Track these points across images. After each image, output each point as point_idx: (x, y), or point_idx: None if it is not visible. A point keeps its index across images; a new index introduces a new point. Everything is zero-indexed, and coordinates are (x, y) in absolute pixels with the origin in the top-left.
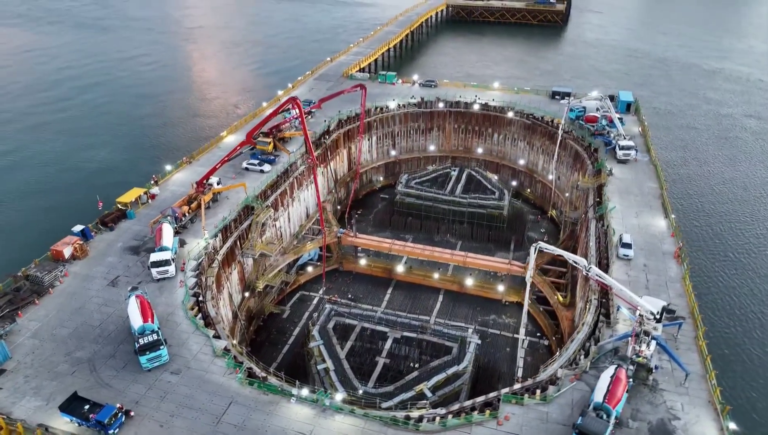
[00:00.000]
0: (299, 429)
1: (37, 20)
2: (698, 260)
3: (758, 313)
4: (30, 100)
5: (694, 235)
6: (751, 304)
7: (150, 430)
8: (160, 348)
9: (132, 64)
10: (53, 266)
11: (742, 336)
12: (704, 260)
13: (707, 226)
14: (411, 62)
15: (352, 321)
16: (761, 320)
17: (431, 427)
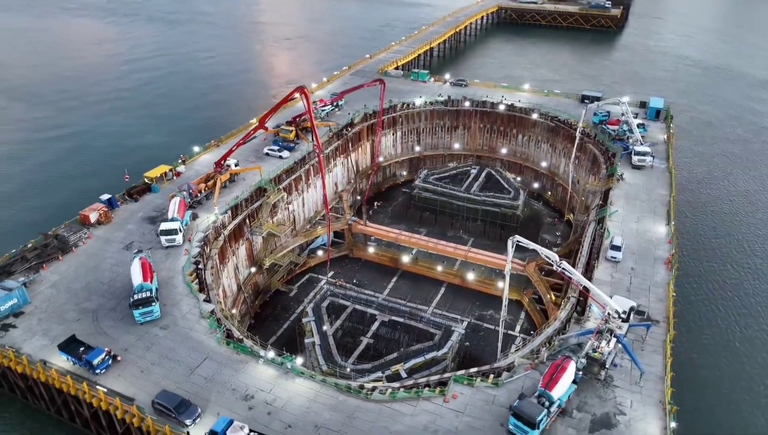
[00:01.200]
0: (261, 387)
1: (114, 13)
2: (692, 269)
3: (738, 327)
4: (93, 83)
5: (695, 245)
6: (734, 317)
7: (131, 373)
8: (152, 304)
9: (190, 55)
10: (79, 228)
11: (715, 346)
12: (699, 270)
13: (711, 238)
14: (452, 62)
15: (345, 302)
16: (739, 333)
17: (380, 398)
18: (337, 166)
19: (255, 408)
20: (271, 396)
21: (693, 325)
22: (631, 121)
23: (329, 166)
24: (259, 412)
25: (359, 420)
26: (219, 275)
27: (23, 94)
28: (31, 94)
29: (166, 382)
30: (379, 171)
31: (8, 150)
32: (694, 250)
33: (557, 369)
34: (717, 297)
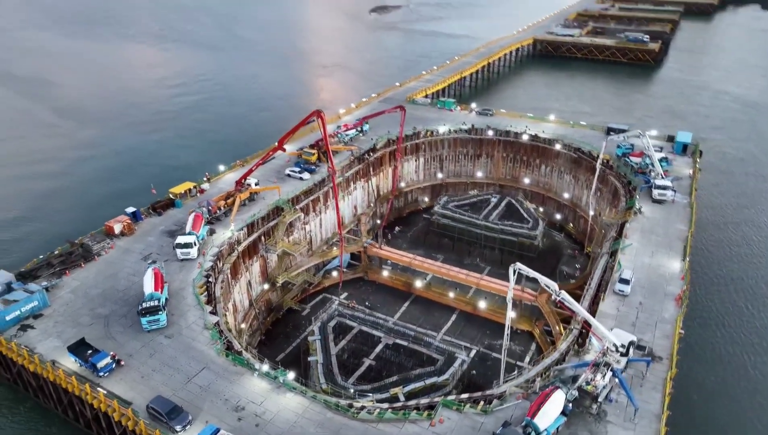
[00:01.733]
0: (252, 399)
1: (165, 39)
2: (705, 308)
3: (744, 371)
4: (137, 103)
5: (711, 284)
6: (742, 362)
7: (132, 378)
8: (158, 313)
9: (230, 80)
10: (103, 238)
11: (718, 388)
12: (712, 309)
13: (729, 278)
14: (483, 92)
15: (352, 323)
16: (744, 378)
17: (367, 417)
18: (357, 189)
19: (244, 419)
20: (261, 408)
21: (698, 364)
22: (652, 155)
23: (348, 190)
24: (247, 423)
25: None
26: (230, 289)
27: (73, 113)
28: (81, 113)
29: (163, 389)
30: (401, 196)
31: (52, 164)
32: (709, 288)
33: (545, 399)
34: (727, 339)
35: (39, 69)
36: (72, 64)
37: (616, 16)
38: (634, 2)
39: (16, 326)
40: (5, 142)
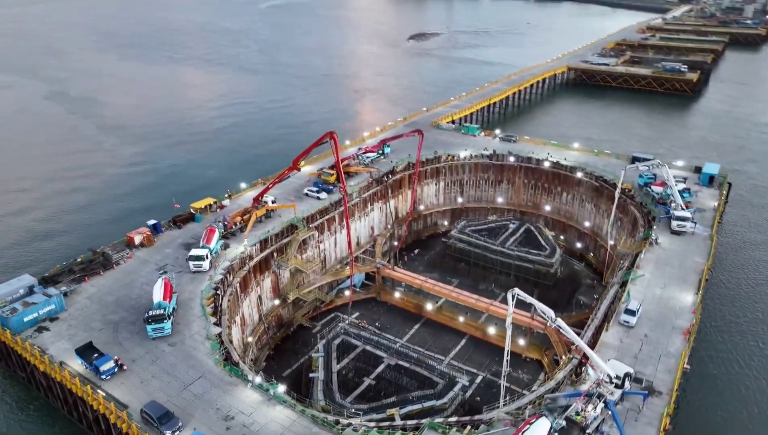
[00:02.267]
0: (243, 409)
1: (211, 63)
2: (716, 343)
3: (748, 412)
4: (176, 122)
5: (724, 319)
6: (745, 403)
7: (132, 383)
8: (163, 322)
9: (266, 102)
10: (123, 248)
11: (720, 427)
12: (723, 347)
13: (744, 315)
14: (512, 119)
15: (357, 342)
16: (748, 418)
17: (352, 434)
18: (374, 210)
19: (232, 429)
20: (249, 419)
21: (702, 402)
22: (672, 185)
23: (365, 210)
24: (234, 432)
25: None
26: (238, 303)
27: (117, 130)
28: (123, 130)
29: (159, 394)
30: (420, 219)
31: (89, 179)
32: (723, 324)
33: (529, 427)
34: (736, 379)
35: (91, 89)
36: (122, 84)
37: (655, 46)
38: (676, 33)
39: (33, 328)
40: (51, 157)
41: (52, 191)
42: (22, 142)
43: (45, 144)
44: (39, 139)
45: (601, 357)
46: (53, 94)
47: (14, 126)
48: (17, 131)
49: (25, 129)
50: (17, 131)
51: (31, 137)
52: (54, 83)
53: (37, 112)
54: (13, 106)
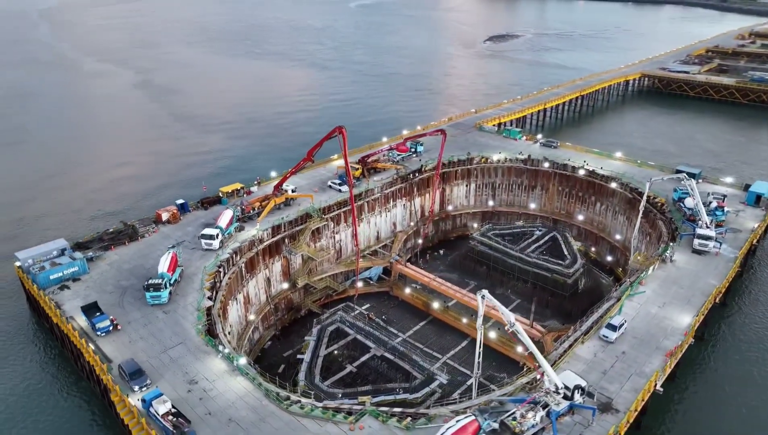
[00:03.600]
0: (207, 376)
1: (285, 58)
2: (707, 370)
3: None
4: (238, 111)
5: (727, 347)
6: None
7: (122, 341)
8: (160, 290)
9: (328, 97)
10: (149, 223)
11: None
12: (714, 374)
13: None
14: (566, 125)
15: (350, 330)
16: None
17: (296, 411)
18: (397, 207)
19: (192, 391)
20: (211, 386)
21: (667, 426)
22: (698, 201)
23: (387, 206)
24: (193, 395)
25: (267, 425)
26: (242, 282)
27: (185, 118)
28: (191, 118)
29: (141, 354)
30: (448, 219)
31: (147, 159)
32: (721, 352)
33: (455, 424)
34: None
35: (172, 79)
36: (200, 76)
37: (752, 54)
38: None
39: (57, 285)
40: (121, 138)
41: (111, 166)
42: (101, 123)
43: (119, 127)
44: (114, 122)
45: (567, 369)
46: (140, 83)
47: (98, 109)
48: (99, 114)
49: (106, 113)
50: (99, 114)
51: (109, 120)
52: (143, 73)
53: (122, 98)
54: (102, 92)
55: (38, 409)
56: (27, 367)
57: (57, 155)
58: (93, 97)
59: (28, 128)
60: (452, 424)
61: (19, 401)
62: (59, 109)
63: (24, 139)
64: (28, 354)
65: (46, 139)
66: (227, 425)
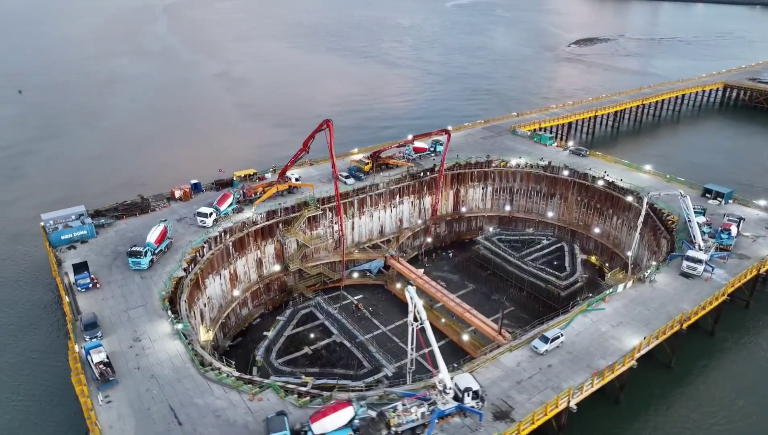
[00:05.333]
0: (152, 337)
1: (360, 54)
2: (645, 396)
3: None
4: (295, 103)
5: (689, 378)
6: None
7: (96, 298)
8: (140, 257)
9: (380, 93)
10: (163, 199)
11: None
12: (650, 403)
13: (715, 382)
14: (614, 134)
15: (320, 315)
16: None
17: (210, 376)
18: (404, 204)
19: (133, 347)
20: (150, 345)
21: None
22: (692, 219)
23: (393, 202)
24: (132, 351)
25: (180, 384)
26: (228, 259)
27: (245, 107)
28: (250, 107)
29: (106, 310)
30: (462, 221)
31: (190, 141)
32: (682, 384)
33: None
34: None
35: (247, 71)
36: (274, 68)
37: None
38: None
39: (66, 245)
40: (181, 123)
41: (161, 145)
42: (171, 106)
43: (183, 111)
44: (183, 106)
45: (479, 375)
46: (219, 73)
47: (174, 95)
48: (173, 99)
49: (180, 98)
50: (173, 99)
51: (178, 104)
52: (225, 64)
53: (199, 86)
54: (184, 80)
55: (25, 341)
56: (30, 308)
57: (123, 133)
58: (175, 83)
59: (112, 109)
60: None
61: (12, 331)
62: (142, 93)
63: (104, 118)
64: (35, 298)
65: (122, 118)
66: (148, 380)
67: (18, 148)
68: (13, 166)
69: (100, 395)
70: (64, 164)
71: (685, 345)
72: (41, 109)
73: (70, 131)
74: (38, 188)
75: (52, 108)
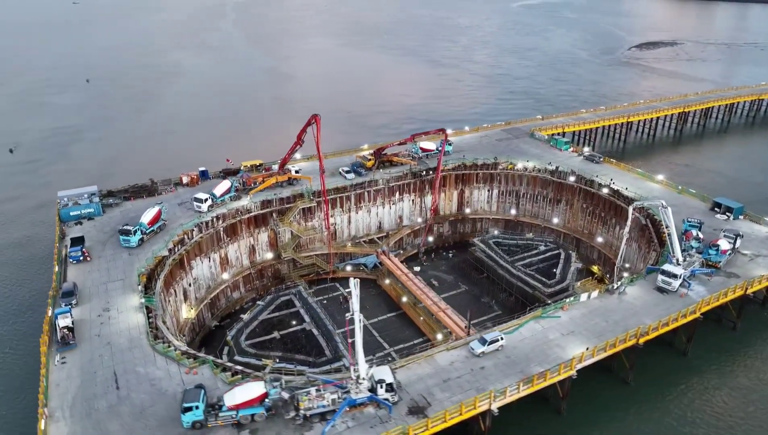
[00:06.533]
0: (120, 308)
1: (410, 53)
2: (592, 410)
3: None
4: (330, 98)
5: (642, 395)
6: None
7: (83, 269)
8: (129, 235)
9: (416, 92)
10: (169, 183)
11: None
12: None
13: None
14: (658, 143)
15: (298, 303)
16: None
17: (158, 348)
18: (404, 201)
19: (101, 316)
20: (116, 315)
21: None
22: (672, 233)
23: (393, 198)
24: (100, 319)
25: (130, 353)
26: (218, 244)
27: (284, 103)
28: (288, 102)
29: (88, 282)
30: (467, 222)
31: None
32: (633, 401)
33: (246, 385)
34: None
35: (295, 67)
36: (320, 65)
37: None
38: None
39: (74, 221)
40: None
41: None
42: (214, 99)
43: (224, 103)
44: (228, 100)
45: (409, 371)
46: (268, 68)
47: (220, 87)
48: (219, 91)
49: (225, 91)
50: (219, 91)
51: (222, 98)
52: (277, 60)
53: (246, 79)
54: (233, 73)
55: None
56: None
57: (165, 120)
58: (225, 76)
59: (162, 98)
60: (244, 385)
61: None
62: (193, 84)
63: (153, 106)
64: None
65: (169, 107)
66: (103, 347)
67: (73, 130)
68: (62, 146)
69: (57, 356)
70: (105, 146)
71: (650, 362)
72: (102, 97)
73: (120, 117)
74: (75, 166)
75: (111, 96)
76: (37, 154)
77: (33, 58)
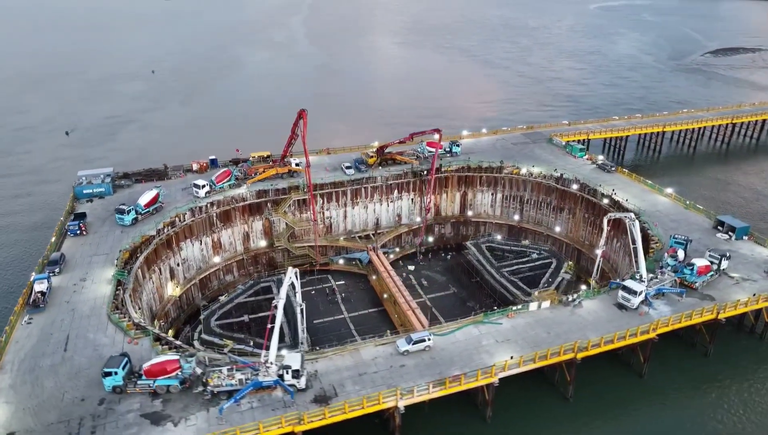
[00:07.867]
0: (95, 279)
1: (464, 52)
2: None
3: None
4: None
5: (577, 409)
6: None
7: (78, 242)
8: (123, 214)
9: (459, 93)
10: (180, 169)
11: None
12: None
13: None
14: (698, 156)
15: (275, 290)
16: None
17: (114, 318)
18: (403, 200)
19: (77, 285)
20: (90, 285)
21: None
22: (639, 247)
23: (391, 196)
24: (74, 287)
25: (87, 320)
26: (212, 229)
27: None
28: (321, 98)
29: (77, 253)
30: (469, 224)
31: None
32: (566, 414)
33: (163, 356)
34: None
35: (345, 64)
36: (369, 62)
37: None
38: None
39: (86, 198)
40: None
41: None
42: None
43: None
44: (272, 95)
45: (330, 362)
46: (320, 64)
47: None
48: (265, 85)
49: (271, 85)
50: (265, 85)
51: (269, 93)
52: (329, 56)
53: (297, 76)
54: (287, 68)
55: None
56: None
57: (208, 112)
58: (277, 71)
59: (212, 91)
60: (161, 356)
61: None
62: (246, 79)
63: (201, 98)
64: None
65: (216, 100)
66: (67, 313)
67: (125, 116)
68: (111, 132)
69: (26, 317)
70: (146, 133)
71: (596, 379)
72: (160, 87)
73: (169, 106)
74: (115, 149)
75: (168, 86)
76: (88, 137)
77: (113, 50)
